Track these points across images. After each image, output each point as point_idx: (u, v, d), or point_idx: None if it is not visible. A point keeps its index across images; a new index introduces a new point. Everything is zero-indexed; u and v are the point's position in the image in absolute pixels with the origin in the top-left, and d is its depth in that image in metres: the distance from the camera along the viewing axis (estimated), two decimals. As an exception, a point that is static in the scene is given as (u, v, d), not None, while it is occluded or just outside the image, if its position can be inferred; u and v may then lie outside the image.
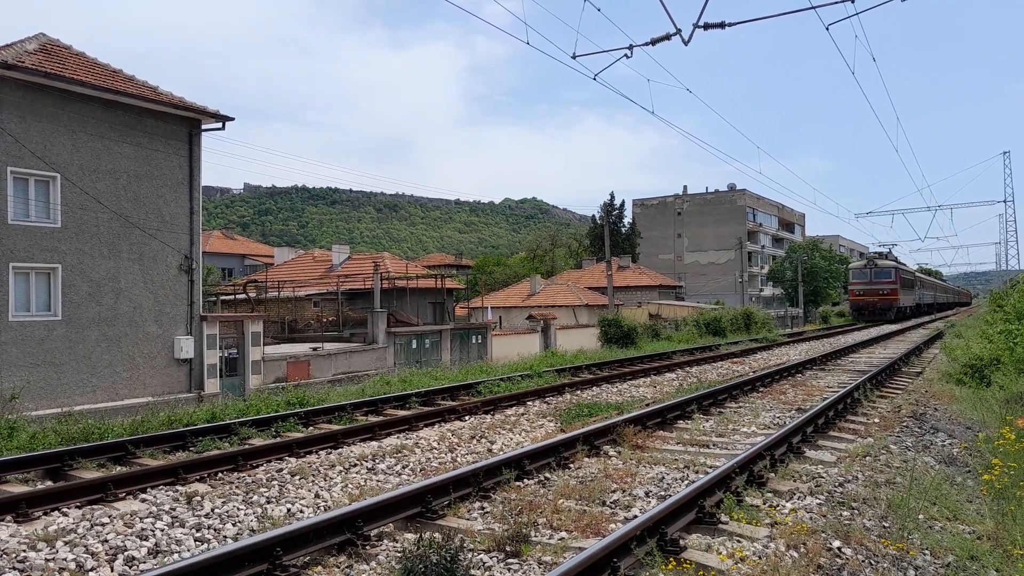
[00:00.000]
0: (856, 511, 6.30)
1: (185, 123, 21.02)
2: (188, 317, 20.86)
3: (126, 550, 5.62)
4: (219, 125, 21.57)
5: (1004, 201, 68.34)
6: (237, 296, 35.16)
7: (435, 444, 9.41)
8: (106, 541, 5.80)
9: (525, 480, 7.37)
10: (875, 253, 58.48)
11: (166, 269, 20.40)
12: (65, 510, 6.73)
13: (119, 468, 8.50)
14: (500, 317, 48.58)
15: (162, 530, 6.05)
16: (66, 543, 5.75)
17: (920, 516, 6.25)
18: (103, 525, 6.17)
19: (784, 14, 15.07)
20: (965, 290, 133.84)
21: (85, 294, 18.54)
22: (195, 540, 5.86)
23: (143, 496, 7.17)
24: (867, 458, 8.24)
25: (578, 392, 14.38)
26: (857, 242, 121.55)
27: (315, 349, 26.33)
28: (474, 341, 33.38)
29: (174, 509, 6.60)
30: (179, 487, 7.49)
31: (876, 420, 10.89)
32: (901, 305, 54.33)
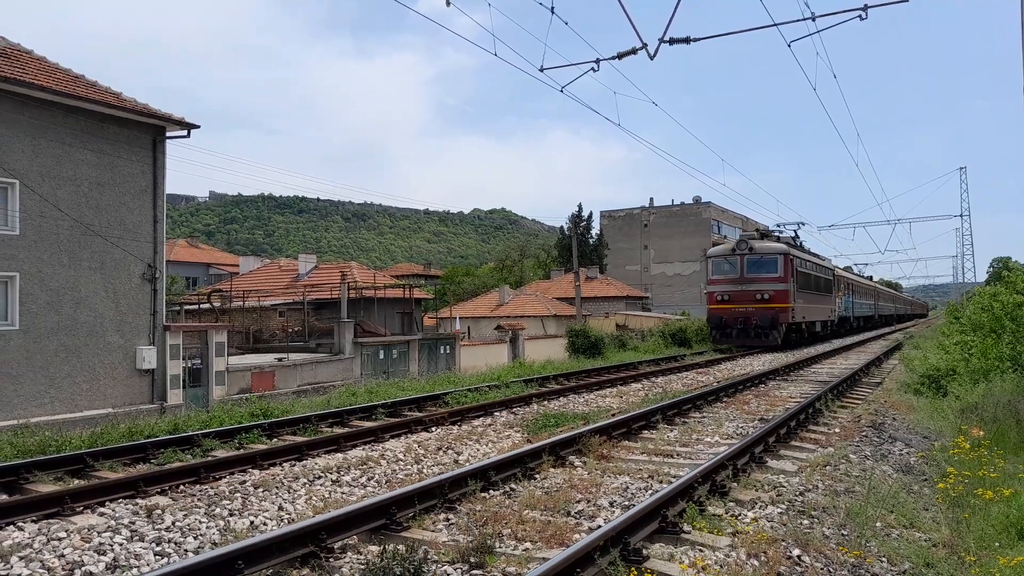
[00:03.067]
0: (816, 520, 6.41)
1: (149, 130, 20.76)
2: (151, 327, 20.54)
3: (83, 565, 5.52)
4: (184, 132, 21.34)
5: (960, 215, 70.04)
6: (201, 306, 34.69)
7: (401, 456, 9.38)
8: (63, 556, 5.69)
9: (491, 491, 7.37)
10: (755, 231, 35.29)
11: (128, 278, 20.08)
12: (21, 524, 6.58)
13: (77, 481, 8.33)
14: (469, 327, 48.54)
15: (121, 544, 5.95)
16: (21, 558, 5.63)
17: (878, 524, 6.38)
18: (60, 540, 6.06)
19: (748, 30, 15.37)
20: (922, 302, 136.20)
21: (44, 303, 18.17)
22: (155, 554, 5.78)
23: (101, 510, 7.04)
24: (827, 467, 8.39)
25: (545, 402, 14.43)
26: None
27: (280, 360, 26.06)
28: (442, 351, 33.31)
29: (133, 523, 6.49)
30: (139, 500, 7.36)
31: (837, 430, 11.08)
32: (798, 319, 31.36)
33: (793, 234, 36.59)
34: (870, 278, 68.63)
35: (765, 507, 6.76)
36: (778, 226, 36.28)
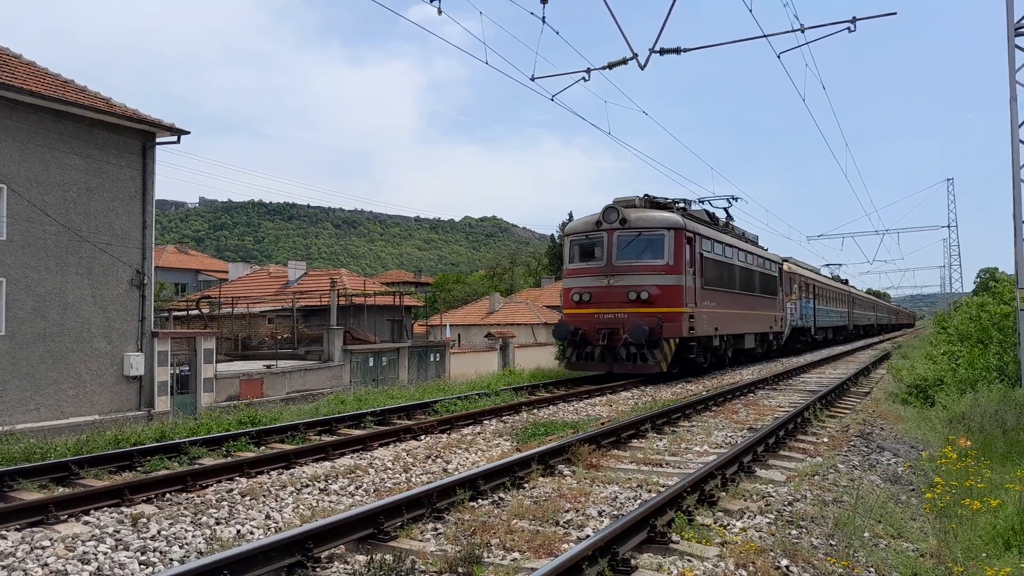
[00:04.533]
0: (804, 529, 6.42)
1: (139, 136, 20.69)
2: (139, 333, 20.42)
3: (67, 574, 5.46)
4: (174, 138, 21.30)
5: (948, 226, 70.49)
6: (190, 312, 34.55)
7: (390, 464, 9.34)
8: (46, 565, 5.63)
9: (479, 500, 7.35)
10: (638, 197, 21.21)
11: (117, 284, 19.97)
12: (4, 533, 6.51)
13: (62, 489, 8.26)
14: (459, 335, 48.50)
15: (105, 553, 5.89)
16: (4, 567, 5.57)
17: (866, 534, 6.39)
18: (43, 548, 6.00)
19: (738, 41, 15.48)
20: (909, 311, 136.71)
21: (30, 309, 18.04)
22: (139, 564, 5.72)
23: (86, 518, 6.97)
24: (816, 477, 8.40)
25: (535, 411, 14.41)
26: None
27: (269, 367, 25.95)
28: (432, 359, 33.26)
29: (118, 531, 6.43)
30: (124, 508, 7.29)
31: (825, 439, 11.11)
32: (704, 332, 20.88)
33: (705, 207, 25.01)
34: (845, 281, 59.33)
35: (753, 517, 6.76)
36: (701, 200, 25.78)
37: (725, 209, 27.43)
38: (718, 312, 22.18)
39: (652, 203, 21.27)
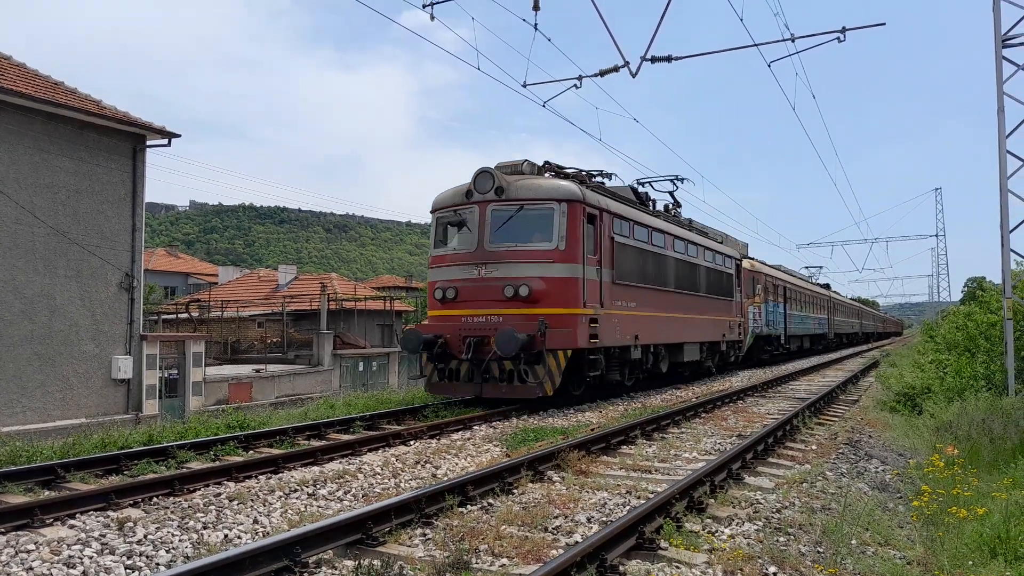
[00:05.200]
0: (792, 537, 6.44)
1: (129, 138, 20.62)
2: (127, 336, 20.31)
3: (52, 579, 5.42)
4: (164, 141, 21.24)
5: (936, 235, 71.01)
6: (179, 315, 34.39)
7: (379, 469, 9.32)
8: (31, 569, 5.58)
9: (468, 506, 7.34)
10: (528, 162, 15.86)
11: (105, 287, 19.87)
12: (-12, 537, 6.46)
13: (47, 493, 8.20)
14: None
15: (91, 557, 5.85)
16: (-13, 572, 5.53)
17: (853, 541, 6.41)
18: (28, 552, 5.95)
19: (728, 50, 15.59)
20: (896, 319, 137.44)
21: (18, 311, 17.92)
22: (125, 568, 5.68)
23: (72, 522, 6.92)
24: (804, 484, 8.43)
25: (525, 417, 14.40)
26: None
27: (258, 371, 25.86)
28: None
29: (104, 535, 6.39)
30: (111, 512, 7.25)
31: (814, 447, 11.15)
32: (616, 341, 15.90)
33: (634, 185, 20.26)
34: (827, 285, 55.78)
35: (742, 524, 6.78)
36: (640, 182, 21.86)
37: (671, 193, 23.06)
38: (640, 315, 17.25)
39: (540, 167, 16.01)
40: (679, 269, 20.31)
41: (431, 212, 16.11)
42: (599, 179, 18.03)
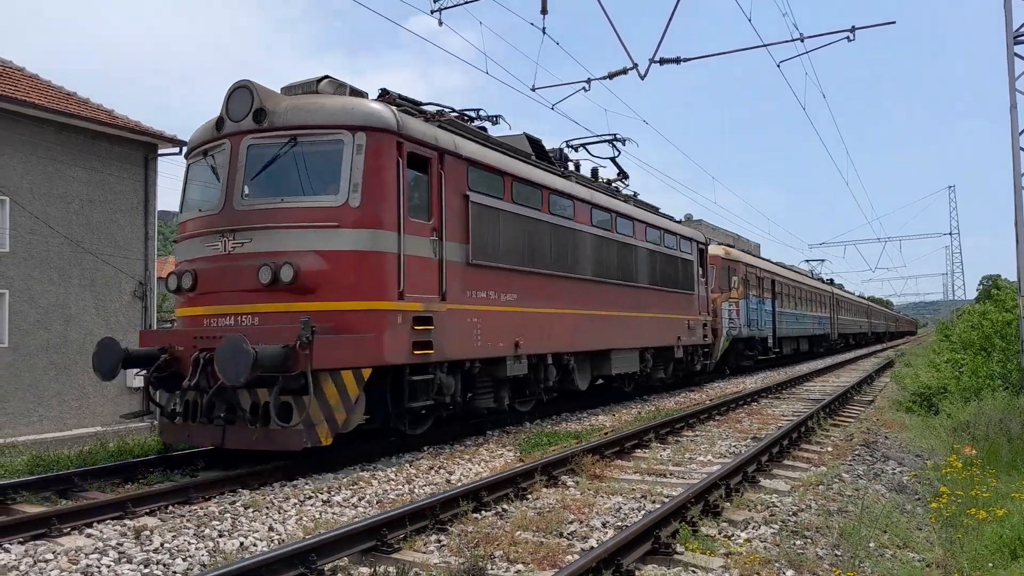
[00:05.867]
0: (809, 540, 6.39)
1: (141, 147, 20.77)
2: (141, 344, 20.40)
3: (70, 588, 5.45)
4: (176, 150, 21.38)
5: (950, 234, 70.51)
6: (192, 323, 34.44)
7: (392, 476, 9.32)
8: (49, 579, 5.61)
9: (483, 512, 7.33)
10: (325, 79, 10.00)
11: (119, 295, 20.00)
12: (7, 546, 6.50)
13: (65, 502, 8.24)
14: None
15: (108, 566, 5.87)
16: (6, 581, 5.56)
17: (871, 544, 6.36)
18: (46, 561, 5.98)
19: (737, 51, 15.54)
20: (911, 318, 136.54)
21: (33, 321, 18.07)
22: (143, 576, 5.71)
23: (89, 531, 6.96)
24: (820, 487, 8.37)
25: (538, 421, 14.38)
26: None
27: (272, 377, 25.91)
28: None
29: (121, 544, 6.42)
30: (127, 521, 7.28)
31: (829, 448, 11.08)
32: (490, 354, 11.35)
33: (531, 135, 14.51)
34: (830, 281, 52.04)
35: (758, 527, 6.74)
36: (568, 143, 17.64)
37: (613, 160, 18.53)
38: (526, 312, 12.47)
39: (320, 80, 10.32)
40: (602, 250, 15.28)
41: (184, 157, 11.18)
42: (473, 121, 12.83)
